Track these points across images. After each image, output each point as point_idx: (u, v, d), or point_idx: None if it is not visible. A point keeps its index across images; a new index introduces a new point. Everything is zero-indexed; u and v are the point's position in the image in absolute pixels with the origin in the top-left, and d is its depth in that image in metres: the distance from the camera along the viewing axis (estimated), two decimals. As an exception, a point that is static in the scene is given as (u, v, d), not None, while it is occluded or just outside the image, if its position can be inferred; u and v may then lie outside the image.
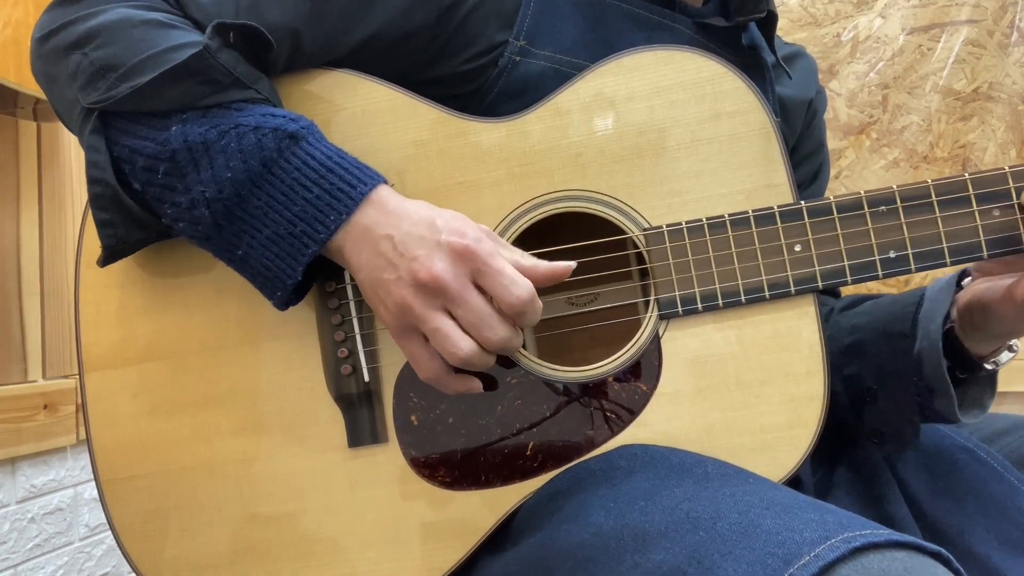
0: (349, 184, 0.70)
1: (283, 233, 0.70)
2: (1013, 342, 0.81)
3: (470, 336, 0.68)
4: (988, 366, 0.81)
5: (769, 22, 0.91)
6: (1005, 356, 0.81)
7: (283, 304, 0.73)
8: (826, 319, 0.92)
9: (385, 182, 0.72)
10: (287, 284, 0.71)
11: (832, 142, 1.90)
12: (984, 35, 1.87)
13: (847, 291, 1.03)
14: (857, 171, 1.93)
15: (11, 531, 1.48)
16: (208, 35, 0.70)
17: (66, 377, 1.63)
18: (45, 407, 1.54)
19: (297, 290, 0.74)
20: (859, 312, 0.92)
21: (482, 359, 0.69)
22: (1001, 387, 0.85)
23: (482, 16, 0.79)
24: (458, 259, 0.67)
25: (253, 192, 0.70)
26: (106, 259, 0.76)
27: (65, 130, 1.65)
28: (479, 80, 0.80)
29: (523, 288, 0.67)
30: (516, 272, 0.68)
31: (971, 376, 0.83)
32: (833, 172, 1.91)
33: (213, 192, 0.70)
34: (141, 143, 0.71)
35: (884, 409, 0.85)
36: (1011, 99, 1.85)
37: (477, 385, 0.73)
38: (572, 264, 0.71)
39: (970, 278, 0.81)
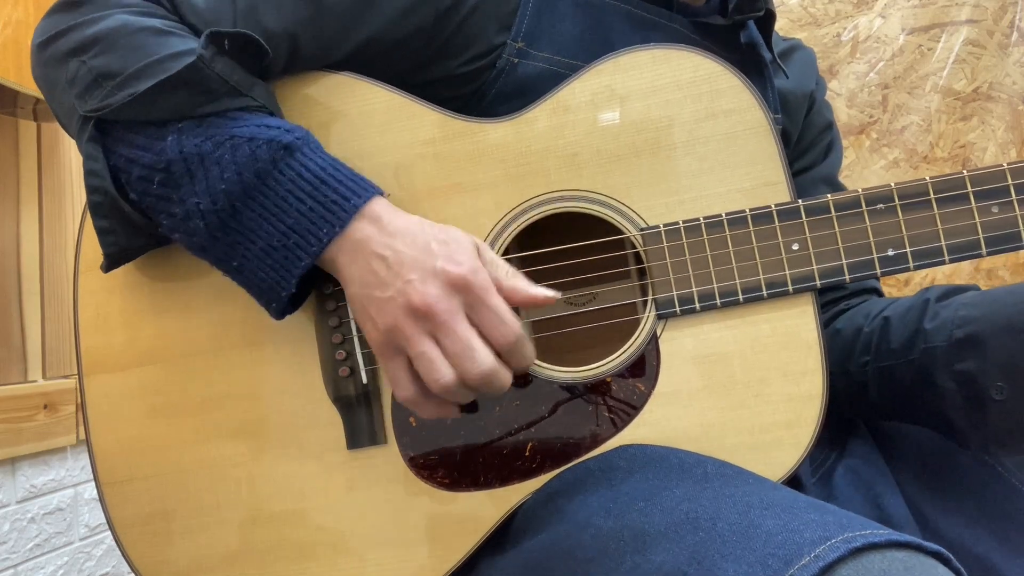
0: (343, 196, 0.69)
1: (277, 245, 0.70)
2: None
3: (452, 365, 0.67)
4: None
5: (767, 20, 0.91)
6: None
7: (279, 314, 0.73)
8: (923, 310, 0.87)
9: (381, 194, 0.71)
10: (281, 296, 0.71)
11: (832, 142, 1.90)
12: (984, 35, 1.87)
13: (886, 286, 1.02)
14: (857, 171, 1.93)
15: (11, 531, 1.48)
16: (202, 44, 0.69)
17: (66, 377, 1.63)
18: (45, 407, 1.54)
19: (292, 301, 0.74)
20: (967, 303, 0.85)
21: (461, 392, 0.68)
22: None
23: (480, 18, 0.79)
24: (452, 288, 0.66)
25: (247, 204, 0.70)
26: (108, 266, 0.76)
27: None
28: (477, 82, 0.80)
29: (512, 328, 0.67)
30: (509, 311, 0.67)
31: None
32: (833, 172, 1.90)
33: (207, 204, 0.70)
34: (138, 153, 0.71)
35: (1016, 407, 0.80)
36: (1011, 99, 1.85)
37: (454, 411, 0.72)
38: (556, 294, 0.70)
39: None
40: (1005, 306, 0.80)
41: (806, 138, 1.02)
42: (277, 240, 0.70)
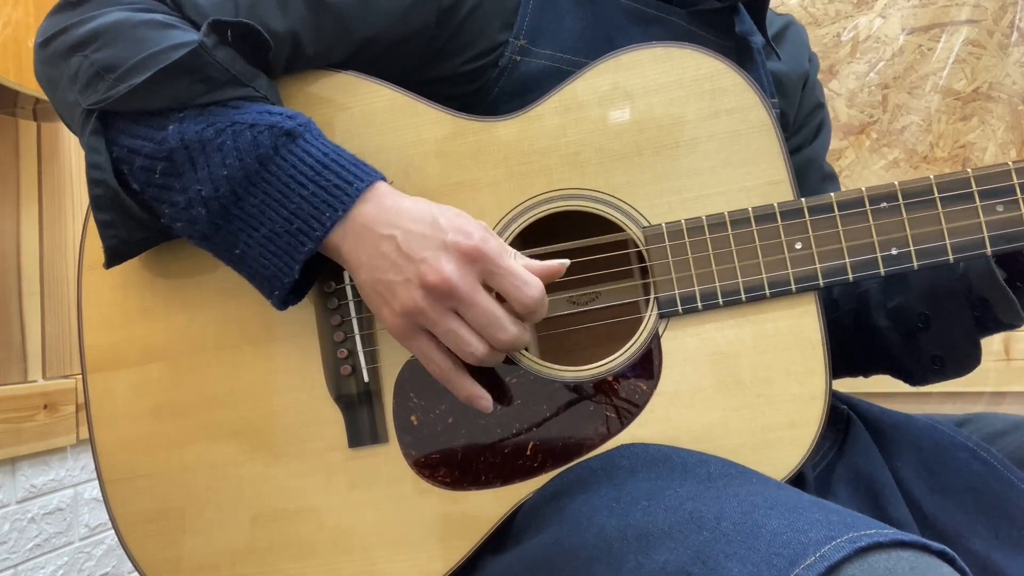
0: (345, 181, 0.70)
1: (279, 231, 0.70)
2: None
3: (481, 336, 0.68)
4: None
5: (760, 2, 0.91)
6: None
7: (281, 303, 0.73)
8: None
9: (383, 179, 0.72)
10: (284, 283, 0.71)
11: (832, 142, 1.90)
12: (984, 35, 1.87)
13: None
14: (857, 171, 1.93)
15: (11, 531, 1.47)
16: (204, 32, 0.69)
17: (66, 377, 1.63)
18: (45, 407, 1.54)
19: (295, 289, 0.73)
20: None
21: (494, 357, 0.70)
22: (1001, 387, 0.84)
23: (482, 16, 0.79)
24: (466, 260, 0.67)
25: (249, 190, 0.70)
26: (109, 261, 0.76)
27: (65, 130, 1.65)
28: (480, 80, 0.80)
29: (535, 287, 0.68)
30: (526, 271, 0.68)
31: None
32: (833, 171, 1.90)
33: (209, 191, 0.70)
34: (139, 143, 0.71)
35: (940, 331, 0.84)
36: (1011, 99, 1.85)
37: (488, 404, 0.73)
38: (565, 262, 0.71)
39: None
40: None
41: (799, 117, 1.04)
42: (280, 226, 0.70)
